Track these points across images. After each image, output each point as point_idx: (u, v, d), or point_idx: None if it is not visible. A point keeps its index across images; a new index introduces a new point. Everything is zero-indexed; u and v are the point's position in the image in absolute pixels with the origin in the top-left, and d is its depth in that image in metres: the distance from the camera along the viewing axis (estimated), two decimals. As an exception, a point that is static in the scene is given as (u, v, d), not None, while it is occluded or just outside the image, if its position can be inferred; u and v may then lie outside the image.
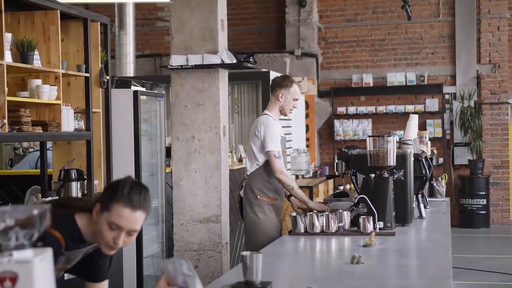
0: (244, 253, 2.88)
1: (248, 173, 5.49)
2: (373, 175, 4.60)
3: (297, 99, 5.50)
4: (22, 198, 6.06)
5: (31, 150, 8.71)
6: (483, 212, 12.70)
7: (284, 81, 5.49)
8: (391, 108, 13.21)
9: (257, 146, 5.37)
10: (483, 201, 12.66)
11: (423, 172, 5.26)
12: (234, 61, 5.70)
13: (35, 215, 1.87)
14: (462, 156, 13.03)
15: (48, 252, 1.87)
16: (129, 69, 11.36)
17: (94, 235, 2.84)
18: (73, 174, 5.71)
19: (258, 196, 5.40)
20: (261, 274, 2.87)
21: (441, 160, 13.00)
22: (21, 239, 1.86)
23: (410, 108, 13.03)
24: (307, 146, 12.64)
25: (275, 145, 5.29)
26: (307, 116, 12.84)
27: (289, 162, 10.00)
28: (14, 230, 1.85)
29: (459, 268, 8.83)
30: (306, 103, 12.82)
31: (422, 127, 12.74)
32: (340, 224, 4.48)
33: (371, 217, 4.41)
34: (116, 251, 2.87)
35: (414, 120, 5.98)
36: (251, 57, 5.93)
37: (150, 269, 6.91)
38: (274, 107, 5.48)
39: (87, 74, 5.90)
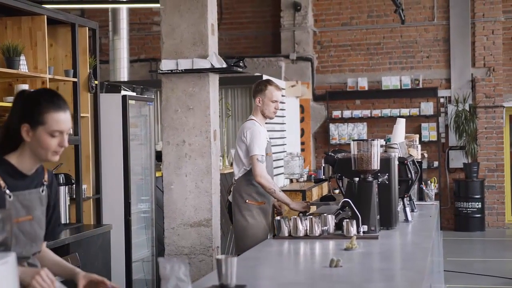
0: (219, 257, 2.91)
1: (235, 178, 5.53)
2: (357, 178, 4.62)
3: (275, 101, 5.53)
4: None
5: None
6: (478, 215, 12.70)
7: (258, 86, 5.57)
8: (386, 111, 13.21)
9: (243, 151, 5.43)
10: (478, 205, 12.66)
11: (409, 175, 5.27)
12: (224, 65, 5.69)
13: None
14: (457, 160, 13.03)
15: (11, 257, 1.89)
16: (123, 74, 11.38)
17: (33, 157, 2.88)
18: (61, 178, 5.72)
19: (247, 200, 5.44)
20: (235, 277, 2.90)
21: (436, 163, 13.00)
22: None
23: (405, 111, 13.03)
24: (303, 150, 12.66)
25: (260, 150, 5.34)
26: (302, 120, 12.87)
27: (281, 166, 10.02)
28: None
29: (452, 272, 8.84)
30: (302, 107, 12.85)
31: (417, 130, 12.78)
32: (325, 227, 4.48)
33: (355, 221, 4.43)
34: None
35: (401, 124, 6.00)
36: (241, 62, 5.93)
37: (140, 273, 6.91)
38: (257, 112, 5.56)
39: (75, 79, 5.92)
